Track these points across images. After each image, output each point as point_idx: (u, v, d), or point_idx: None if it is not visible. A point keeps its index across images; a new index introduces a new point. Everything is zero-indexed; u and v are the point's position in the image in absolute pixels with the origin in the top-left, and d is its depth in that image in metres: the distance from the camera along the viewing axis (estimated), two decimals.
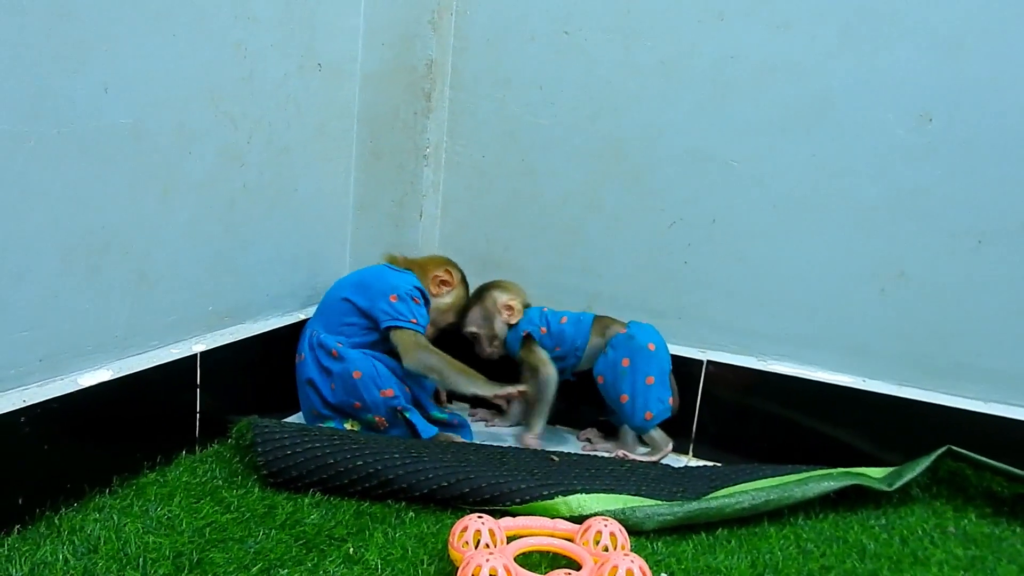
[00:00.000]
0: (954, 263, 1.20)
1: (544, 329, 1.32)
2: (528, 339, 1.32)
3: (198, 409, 1.14)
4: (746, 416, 1.32)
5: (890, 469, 1.18)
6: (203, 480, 1.05)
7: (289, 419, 1.29)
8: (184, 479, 1.04)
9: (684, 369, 1.33)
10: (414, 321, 1.23)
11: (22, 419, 0.88)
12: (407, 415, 1.22)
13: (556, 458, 1.18)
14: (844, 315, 1.27)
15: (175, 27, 1.02)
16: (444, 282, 1.34)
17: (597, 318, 1.32)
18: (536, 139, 1.39)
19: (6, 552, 0.84)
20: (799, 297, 1.29)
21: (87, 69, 0.92)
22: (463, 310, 1.36)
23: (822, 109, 1.23)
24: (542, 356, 1.31)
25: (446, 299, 1.35)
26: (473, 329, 1.35)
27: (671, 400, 1.28)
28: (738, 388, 1.32)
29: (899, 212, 1.22)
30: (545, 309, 1.35)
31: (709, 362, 1.32)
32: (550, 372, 1.30)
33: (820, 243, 1.27)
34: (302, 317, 1.34)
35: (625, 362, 1.26)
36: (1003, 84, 1.15)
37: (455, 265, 1.37)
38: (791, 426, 1.29)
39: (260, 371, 1.26)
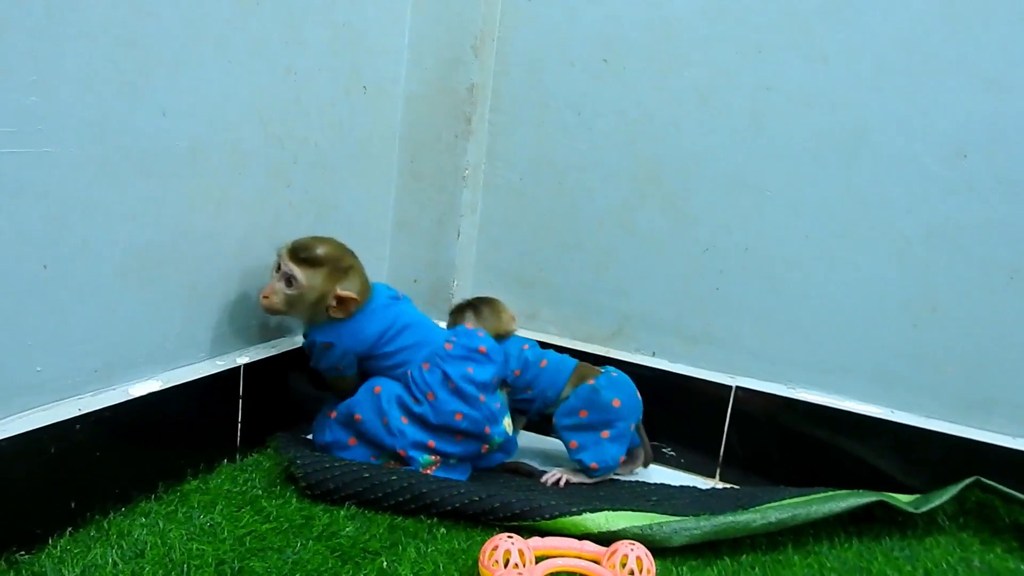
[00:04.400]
0: (986, 297, 1.21)
1: (518, 372, 1.28)
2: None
3: (239, 419, 1.18)
4: (774, 442, 1.33)
5: (917, 496, 1.19)
6: (243, 489, 1.09)
7: None
8: (225, 487, 1.08)
9: (713, 394, 1.35)
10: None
11: (77, 426, 0.93)
12: None
13: (603, 493, 1.19)
14: (874, 345, 1.28)
15: (230, 53, 1.07)
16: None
17: (578, 367, 1.29)
18: (573, 163, 1.42)
19: (59, 554, 0.89)
20: (830, 326, 1.30)
21: (148, 94, 0.96)
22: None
23: (857, 141, 1.25)
24: None
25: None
26: None
27: (622, 459, 1.26)
28: (766, 414, 1.33)
29: (932, 245, 1.23)
30: (525, 347, 1.31)
31: (738, 388, 1.34)
32: None
33: (853, 273, 1.28)
34: None
35: (583, 413, 1.24)
36: None
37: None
38: (818, 453, 1.30)
39: (299, 383, 1.29)
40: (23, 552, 0.88)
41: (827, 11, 1.24)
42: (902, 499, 1.17)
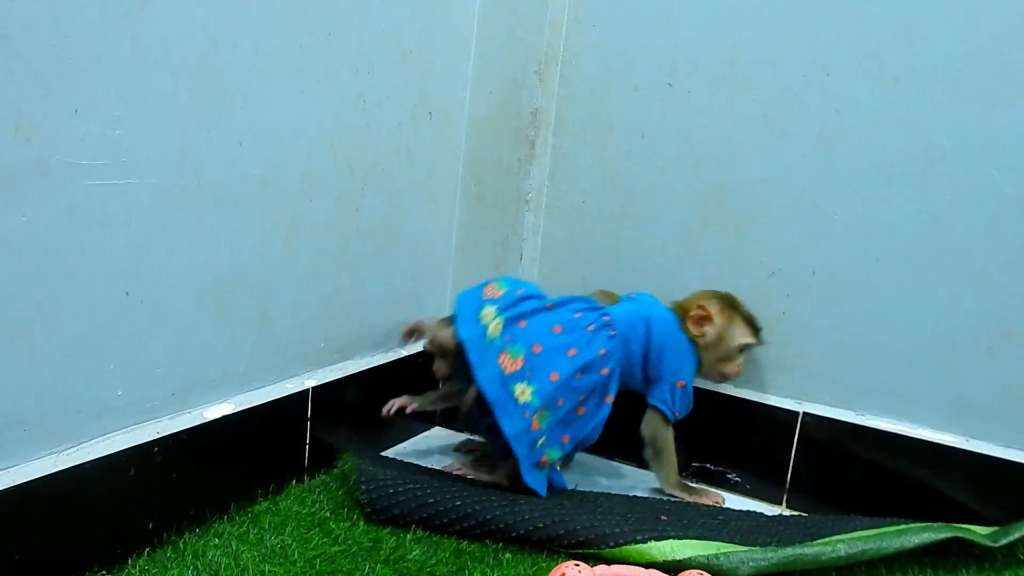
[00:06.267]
0: None
1: None
2: None
3: (307, 441, 1.20)
4: (843, 469, 1.31)
5: (995, 528, 1.16)
6: (312, 511, 1.10)
7: (392, 451, 1.35)
8: (295, 509, 1.10)
9: (780, 420, 1.33)
10: (676, 414, 1.27)
11: (156, 449, 0.95)
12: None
13: (664, 517, 1.18)
14: (948, 372, 1.25)
15: (304, 84, 1.09)
16: (702, 319, 1.27)
17: None
18: (637, 186, 1.42)
19: (138, 574, 0.91)
20: (900, 352, 1.28)
21: (225, 124, 0.99)
22: (746, 330, 1.29)
23: (929, 164, 1.23)
24: None
25: (710, 335, 1.28)
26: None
27: None
28: (835, 441, 1.31)
29: (1009, 269, 1.20)
30: None
31: (806, 414, 1.32)
32: None
33: (924, 298, 1.25)
34: (404, 354, 1.39)
35: None
36: None
37: (711, 296, 1.30)
38: (889, 481, 1.27)
39: (365, 405, 1.31)
40: (104, 572, 0.91)
41: (898, 32, 1.22)
42: (979, 531, 1.13)
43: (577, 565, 0.93)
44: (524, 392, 1.16)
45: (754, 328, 1.29)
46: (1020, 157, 1.18)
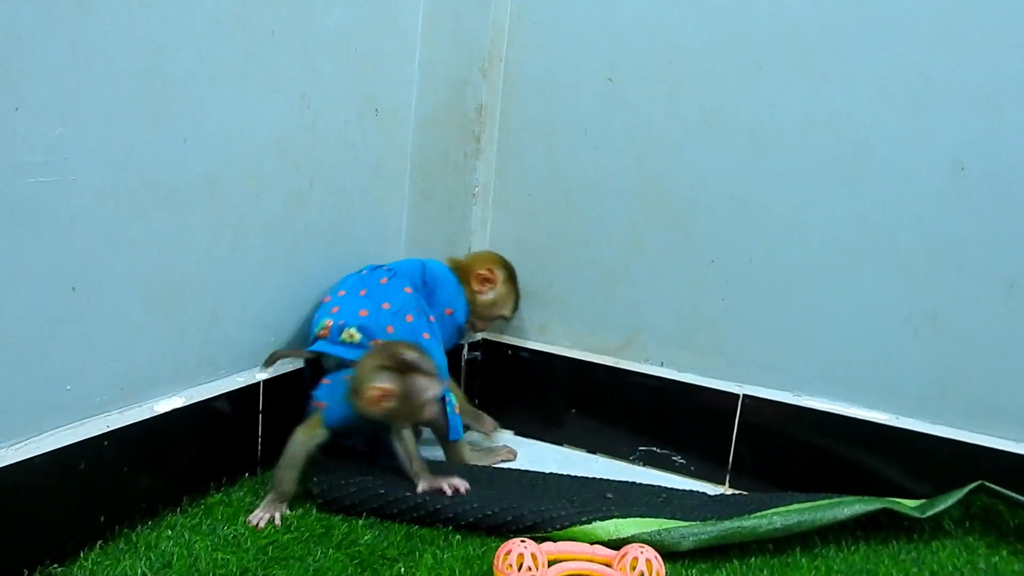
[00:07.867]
0: (986, 307, 1.24)
1: None
2: None
3: (260, 433, 1.21)
4: (782, 449, 1.36)
5: (923, 500, 1.21)
6: None
7: None
8: (248, 499, 1.12)
9: (721, 403, 1.38)
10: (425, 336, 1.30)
11: (105, 443, 0.97)
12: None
13: (611, 495, 1.22)
14: (878, 355, 1.31)
15: (249, 83, 1.11)
16: (486, 280, 1.41)
17: None
18: (581, 181, 1.46)
19: (90, 566, 0.93)
20: (834, 336, 1.33)
21: (169, 124, 1.01)
22: (512, 306, 1.46)
23: (859, 159, 1.28)
24: None
25: (489, 295, 1.41)
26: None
27: None
28: (774, 422, 1.36)
29: (933, 257, 1.26)
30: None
31: (745, 396, 1.37)
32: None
33: (855, 285, 1.31)
34: None
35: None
36: None
37: (501, 263, 1.44)
38: (826, 459, 1.33)
39: None
40: (56, 565, 0.93)
41: (828, 33, 1.27)
42: (908, 504, 1.19)
43: (523, 541, 0.97)
44: (352, 335, 1.22)
45: (517, 306, 1.47)
46: (943, 153, 1.24)
